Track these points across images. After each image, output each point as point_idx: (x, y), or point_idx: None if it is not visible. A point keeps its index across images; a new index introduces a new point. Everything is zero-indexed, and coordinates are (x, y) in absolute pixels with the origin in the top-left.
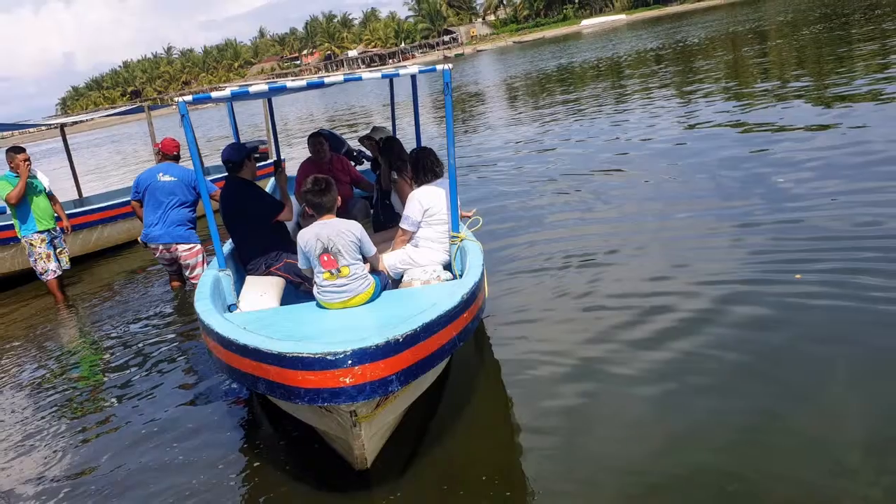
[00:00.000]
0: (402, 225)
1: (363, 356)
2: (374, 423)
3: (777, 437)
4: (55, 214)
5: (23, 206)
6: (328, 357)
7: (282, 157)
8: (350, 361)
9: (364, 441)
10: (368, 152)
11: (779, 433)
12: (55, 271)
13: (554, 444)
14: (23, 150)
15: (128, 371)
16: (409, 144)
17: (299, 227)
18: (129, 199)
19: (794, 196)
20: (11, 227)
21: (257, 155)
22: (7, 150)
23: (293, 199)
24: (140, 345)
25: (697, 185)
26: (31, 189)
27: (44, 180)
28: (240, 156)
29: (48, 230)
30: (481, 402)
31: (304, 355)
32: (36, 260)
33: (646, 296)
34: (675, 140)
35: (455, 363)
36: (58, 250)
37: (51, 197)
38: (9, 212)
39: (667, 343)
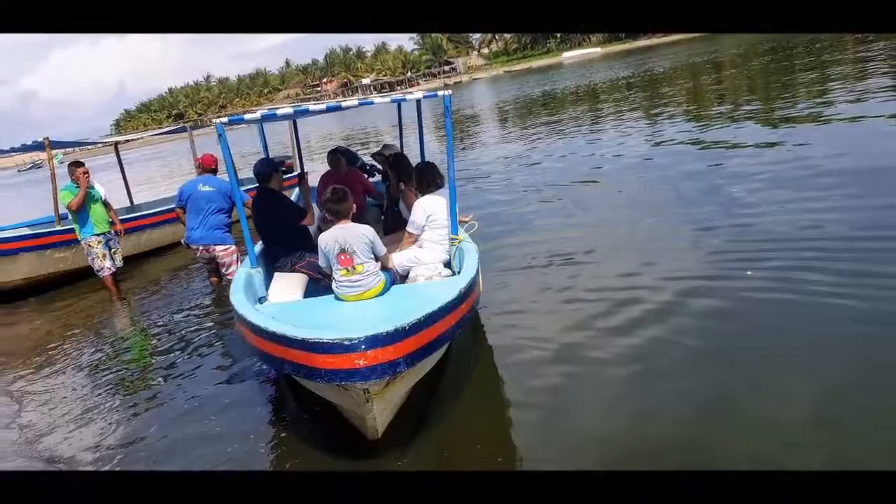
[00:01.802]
0: (409, 228)
1: (375, 342)
2: (384, 400)
3: (731, 413)
4: (110, 219)
5: (82, 212)
6: (345, 342)
7: (305, 170)
8: (363, 346)
9: (376, 415)
10: (379, 166)
11: (733, 410)
12: (110, 269)
13: (539, 418)
14: (82, 164)
15: (172, 354)
16: (414, 159)
17: (320, 230)
18: (174, 206)
19: (746, 204)
20: (73, 230)
21: (284, 168)
22: (69, 165)
23: (315, 206)
24: (183, 332)
25: (663, 194)
26: (89, 198)
27: (100, 190)
28: (269, 169)
29: (104, 233)
30: (477, 382)
31: (324, 341)
32: (94, 259)
33: (618, 290)
34: (643, 156)
35: (454, 348)
36: (112, 250)
37: (106, 204)
38: (70, 217)
39: (636, 331)
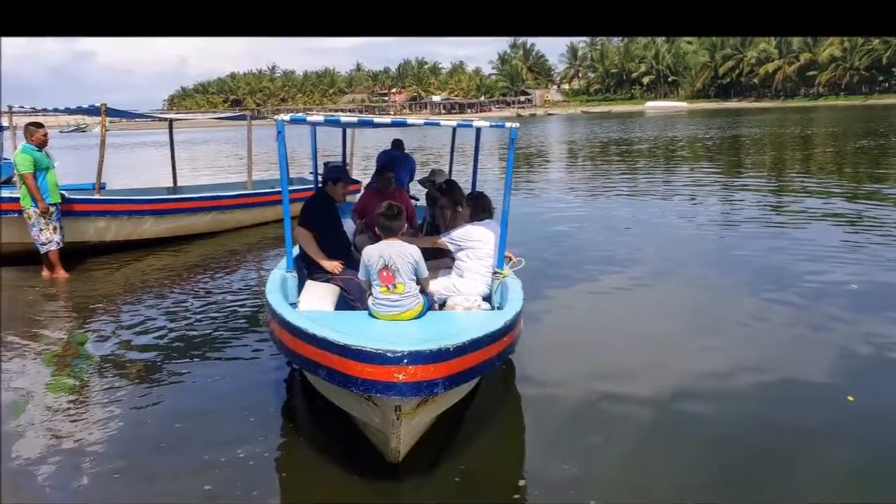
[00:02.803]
0: (445, 237)
1: (417, 358)
2: (413, 421)
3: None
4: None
5: (39, 179)
6: (388, 354)
7: (357, 180)
8: (406, 360)
9: (402, 436)
10: (424, 193)
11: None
12: (58, 243)
13: (560, 463)
14: (42, 125)
15: (191, 351)
16: (465, 188)
17: (355, 247)
18: (216, 194)
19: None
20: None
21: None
22: (26, 125)
23: (347, 220)
24: (208, 328)
25: (724, 258)
26: (46, 164)
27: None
28: (337, 176)
29: (56, 203)
30: (501, 421)
31: (367, 349)
32: (41, 231)
33: (656, 349)
34: (716, 215)
35: (483, 382)
36: (60, 225)
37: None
38: (21, 185)
39: (683, 398)
